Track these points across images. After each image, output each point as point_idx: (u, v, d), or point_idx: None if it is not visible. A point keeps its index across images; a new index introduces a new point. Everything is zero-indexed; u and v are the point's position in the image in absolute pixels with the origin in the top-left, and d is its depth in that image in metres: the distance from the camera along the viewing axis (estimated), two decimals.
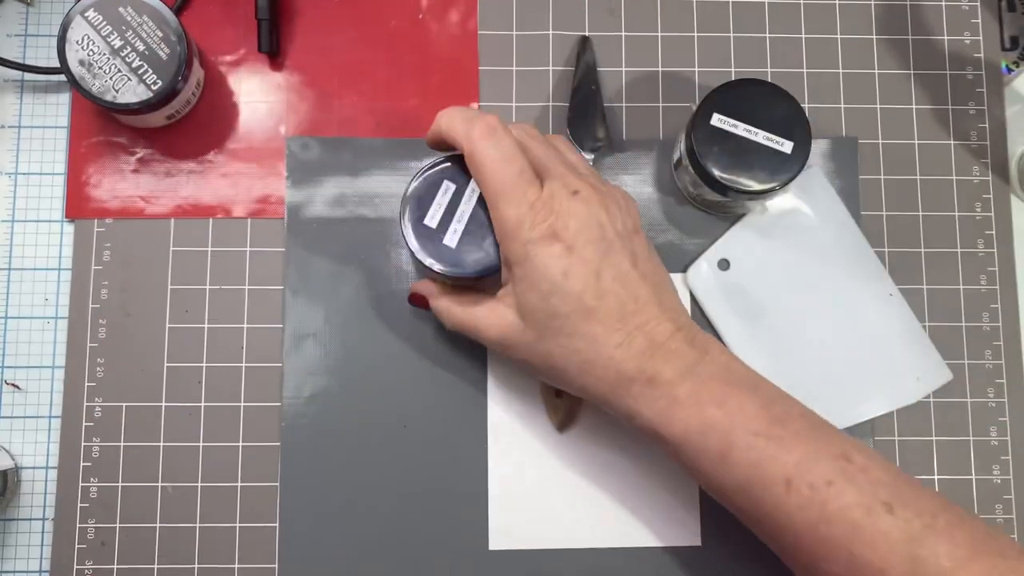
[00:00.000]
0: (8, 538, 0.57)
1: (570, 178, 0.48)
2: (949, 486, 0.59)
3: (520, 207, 0.47)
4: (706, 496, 0.58)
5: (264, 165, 0.61)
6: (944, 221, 0.61)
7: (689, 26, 0.63)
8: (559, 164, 0.48)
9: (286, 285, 0.59)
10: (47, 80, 0.61)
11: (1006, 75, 0.63)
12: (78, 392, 0.58)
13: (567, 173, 0.48)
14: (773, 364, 0.59)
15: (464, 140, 0.48)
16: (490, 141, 0.47)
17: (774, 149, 0.55)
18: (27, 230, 0.60)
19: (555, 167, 0.48)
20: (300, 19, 0.62)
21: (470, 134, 0.48)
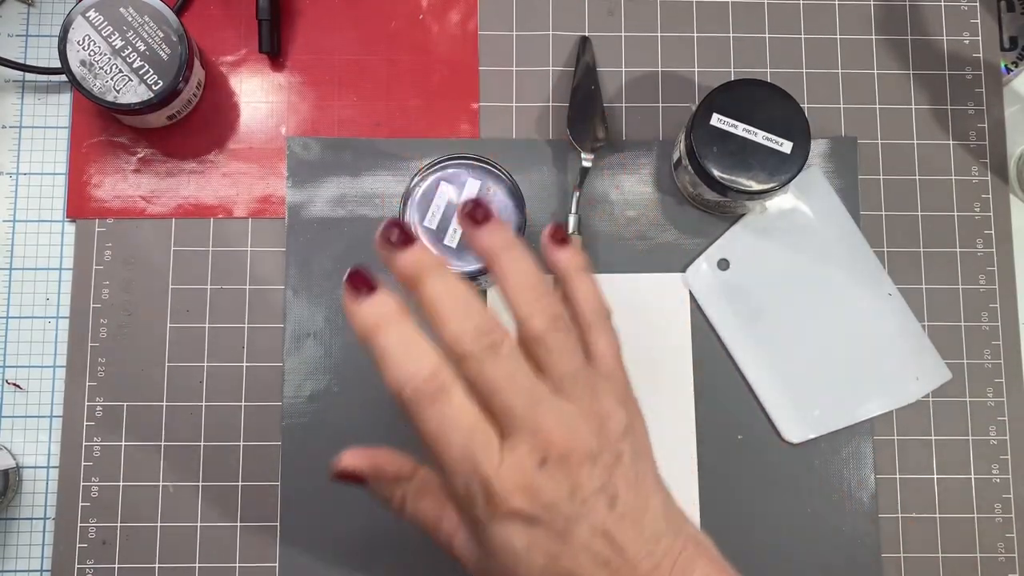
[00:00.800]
0: (9, 538, 0.57)
1: (540, 436, 0.38)
2: (948, 486, 0.59)
3: (470, 482, 0.38)
4: (706, 496, 0.58)
5: (265, 165, 0.61)
6: (943, 221, 0.61)
7: (689, 26, 0.63)
8: (528, 409, 0.38)
9: (287, 285, 0.59)
10: (48, 80, 0.61)
11: (1005, 75, 0.63)
12: (79, 392, 0.58)
13: (536, 422, 0.38)
14: (772, 364, 0.59)
15: (395, 398, 0.38)
16: (428, 410, 0.38)
17: (773, 149, 0.55)
18: (28, 230, 0.60)
19: (522, 416, 0.38)
20: (300, 19, 0.62)
21: (404, 402, 0.38)
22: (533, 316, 0.40)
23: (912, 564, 0.58)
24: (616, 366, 0.43)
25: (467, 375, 0.38)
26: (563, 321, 0.41)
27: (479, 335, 0.38)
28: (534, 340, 0.40)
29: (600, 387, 0.41)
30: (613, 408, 0.41)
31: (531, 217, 0.60)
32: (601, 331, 0.43)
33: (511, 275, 0.41)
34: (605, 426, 0.40)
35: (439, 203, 0.52)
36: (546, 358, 0.40)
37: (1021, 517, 0.59)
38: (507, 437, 0.38)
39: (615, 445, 0.40)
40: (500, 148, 0.61)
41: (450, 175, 0.52)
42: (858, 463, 0.59)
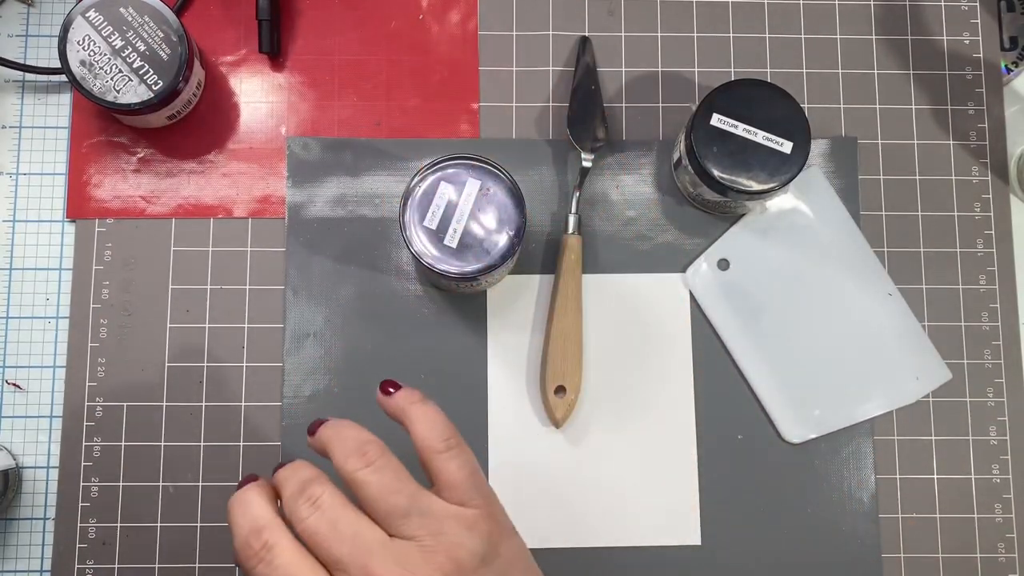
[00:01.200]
0: (9, 538, 0.57)
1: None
2: (948, 486, 0.59)
3: None
4: (706, 496, 0.58)
5: (265, 165, 0.61)
6: (943, 221, 0.61)
7: (689, 26, 0.63)
8: (358, 556, 0.38)
9: (287, 285, 0.59)
10: (48, 80, 0.61)
11: (1005, 75, 0.63)
12: (79, 392, 0.58)
13: (369, 569, 0.38)
14: (772, 364, 0.59)
15: (238, 565, 0.39)
16: (260, 568, 0.38)
17: (774, 149, 0.55)
18: (28, 230, 0.60)
19: (353, 565, 0.38)
20: (300, 20, 0.62)
21: (239, 561, 0.39)
22: (346, 460, 0.40)
23: (912, 564, 0.58)
24: (469, 490, 0.41)
25: (299, 533, 0.39)
26: (382, 460, 0.40)
27: (299, 492, 0.39)
28: (352, 483, 0.40)
29: (443, 520, 0.39)
30: (462, 538, 0.39)
31: (531, 217, 0.60)
32: (447, 458, 0.41)
33: (331, 436, 0.41)
34: (453, 559, 0.38)
35: (439, 203, 0.52)
36: (368, 498, 0.39)
37: (1021, 517, 0.59)
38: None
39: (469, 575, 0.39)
40: (500, 148, 0.61)
41: (450, 175, 0.52)
42: (858, 463, 0.59)
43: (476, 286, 0.56)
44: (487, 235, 0.52)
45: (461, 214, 0.52)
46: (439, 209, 0.52)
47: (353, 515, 0.39)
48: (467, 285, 0.55)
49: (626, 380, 0.59)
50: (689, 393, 0.59)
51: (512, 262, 0.54)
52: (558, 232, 0.60)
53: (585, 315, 0.59)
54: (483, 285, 0.57)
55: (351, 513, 0.39)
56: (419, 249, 0.52)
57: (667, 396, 0.59)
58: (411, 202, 0.52)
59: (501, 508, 0.42)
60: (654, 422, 0.59)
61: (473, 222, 0.52)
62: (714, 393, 0.59)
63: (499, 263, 0.52)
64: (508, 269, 0.56)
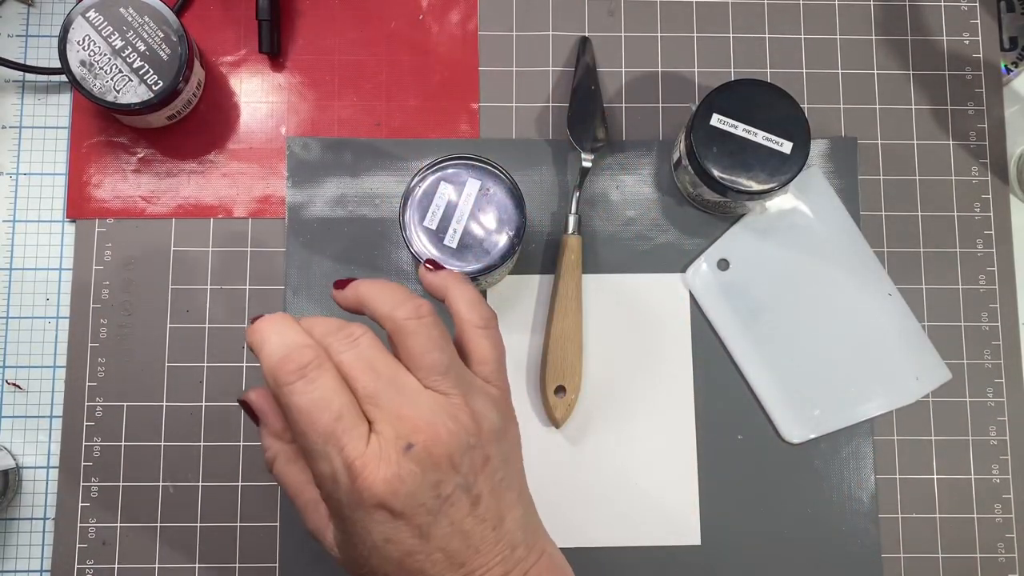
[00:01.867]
0: (9, 538, 0.57)
1: (405, 421, 0.38)
2: (948, 486, 0.59)
3: (335, 463, 0.38)
4: (706, 496, 0.58)
5: (265, 165, 0.61)
6: (943, 221, 0.61)
7: (689, 26, 0.63)
8: (394, 396, 0.39)
9: (287, 285, 0.59)
10: (48, 81, 0.61)
11: (1005, 75, 0.63)
12: (79, 392, 0.58)
13: (402, 410, 0.39)
14: (772, 364, 0.59)
15: (269, 378, 0.39)
16: (297, 385, 0.38)
17: (773, 149, 0.55)
18: (28, 230, 0.60)
19: (388, 403, 0.39)
20: (300, 20, 0.62)
21: (275, 374, 0.38)
22: (396, 308, 0.40)
23: (912, 564, 0.58)
24: (496, 371, 0.43)
25: (334, 363, 0.39)
26: (432, 318, 0.40)
27: (337, 329, 0.40)
28: (400, 331, 0.40)
29: (474, 388, 0.41)
30: (486, 410, 0.41)
31: (531, 217, 0.60)
32: (483, 336, 0.43)
33: (375, 287, 0.42)
34: (476, 425, 0.40)
35: (439, 203, 0.52)
36: (413, 349, 0.40)
37: (1021, 517, 0.59)
38: (373, 424, 0.38)
39: (484, 447, 0.40)
40: (500, 148, 0.61)
41: (450, 175, 0.52)
42: (858, 463, 0.59)
43: (476, 286, 0.56)
44: (487, 235, 0.52)
45: (461, 214, 0.52)
46: (439, 209, 0.52)
47: (392, 359, 0.40)
48: None
49: (626, 380, 0.59)
50: (689, 393, 0.59)
51: (512, 262, 0.54)
52: (558, 232, 0.60)
53: (585, 315, 0.59)
54: (483, 285, 0.57)
55: (389, 357, 0.40)
56: (419, 249, 0.52)
57: (667, 396, 0.59)
58: (411, 202, 0.52)
59: (511, 398, 0.44)
60: (654, 422, 0.59)
61: (473, 222, 0.52)
62: (714, 393, 0.59)
63: (499, 263, 0.52)
64: (508, 269, 0.56)
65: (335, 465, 0.38)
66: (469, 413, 0.40)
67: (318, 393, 0.38)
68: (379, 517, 0.38)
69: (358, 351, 0.39)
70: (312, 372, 0.38)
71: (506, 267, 0.54)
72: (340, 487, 0.38)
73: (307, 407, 0.38)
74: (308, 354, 0.38)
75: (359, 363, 0.39)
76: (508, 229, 0.52)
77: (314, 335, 0.40)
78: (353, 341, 0.39)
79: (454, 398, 0.40)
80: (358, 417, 0.38)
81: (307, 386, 0.38)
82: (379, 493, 0.38)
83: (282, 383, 0.38)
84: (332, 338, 0.40)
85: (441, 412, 0.39)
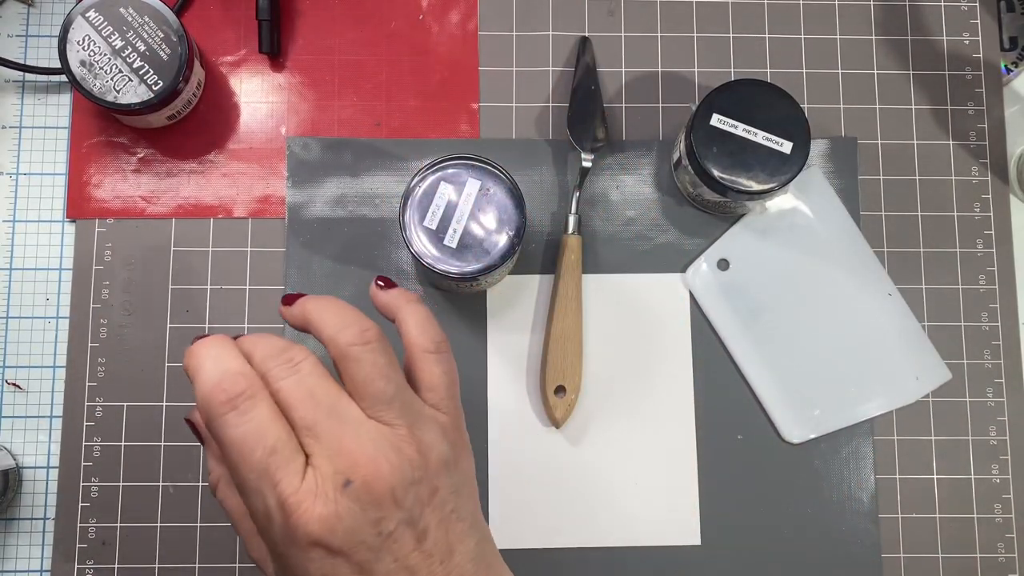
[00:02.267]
0: (9, 538, 0.57)
1: (344, 455, 0.36)
2: (948, 486, 0.59)
3: (268, 500, 0.36)
4: (706, 496, 0.58)
5: (265, 165, 0.61)
6: (943, 221, 0.61)
7: (689, 26, 0.63)
8: (333, 428, 0.37)
9: (287, 285, 0.59)
10: (48, 81, 0.61)
11: (1005, 75, 0.63)
12: (79, 392, 0.58)
13: (342, 443, 0.36)
14: (772, 364, 0.59)
15: (202, 408, 0.37)
16: (228, 417, 0.36)
17: (773, 149, 0.55)
18: (28, 230, 0.60)
19: (327, 435, 0.36)
20: (300, 20, 0.62)
21: (207, 405, 0.36)
22: (341, 331, 0.38)
23: (912, 564, 0.58)
24: (446, 398, 0.41)
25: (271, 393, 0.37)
26: (379, 343, 0.38)
27: (278, 353, 0.38)
28: (343, 357, 0.38)
29: (422, 416, 0.39)
30: (434, 440, 0.39)
31: (531, 217, 0.60)
32: (433, 361, 0.41)
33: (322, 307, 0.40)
34: (421, 457, 0.38)
35: (439, 203, 0.52)
36: (357, 376, 0.38)
37: (1021, 517, 0.59)
38: (310, 458, 0.36)
39: (431, 479, 0.38)
40: (500, 148, 0.61)
41: (450, 175, 0.52)
42: (858, 463, 0.59)
43: (476, 286, 0.56)
44: (487, 235, 0.52)
45: (461, 214, 0.52)
46: (439, 209, 0.52)
47: (334, 387, 0.38)
48: (467, 285, 0.55)
49: (626, 380, 0.59)
50: (689, 393, 0.59)
51: (512, 262, 0.54)
52: (558, 232, 0.60)
53: (585, 315, 0.59)
54: (483, 285, 0.57)
55: (332, 384, 0.38)
56: (419, 249, 0.52)
57: (667, 396, 0.59)
58: (411, 202, 0.52)
59: (465, 425, 0.42)
60: (654, 422, 0.59)
61: (473, 222, 0.52)
62: (714, 393, 0.59)
63: (499, 263, 0.52)
64: (508, 269, 0.56)
65: (268, 502, 0.36)
66: (415, 445, 0.38)
67: (250, 426, 0.36)
68: (315, 555, 0.36)
69: (298, 377, 0.37)
70: (244, 403, 0.36)
71: (506, 267, 0.54)
72: (274, 524, 0.36)
73: (238, 441, 0.36)
74: (241, 383, 0.36)
75: (298, 391, 0.37)
76: (508, 229, 0.52)
77: (254, 359, 0.38)
78: (293, 367, 0.37)
79: (399, 429, 0.38)
80: (294, 450, 0.36)
81: (238, 418, 0.36)
82: (314, 532, 0.35)
83: (213, 415, 0.36)
84: (272, 362, 0.37)
85: (384, 444, 0.37)
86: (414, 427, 0.38)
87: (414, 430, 0.38)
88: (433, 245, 0.52)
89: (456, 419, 0.41)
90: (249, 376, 0.37)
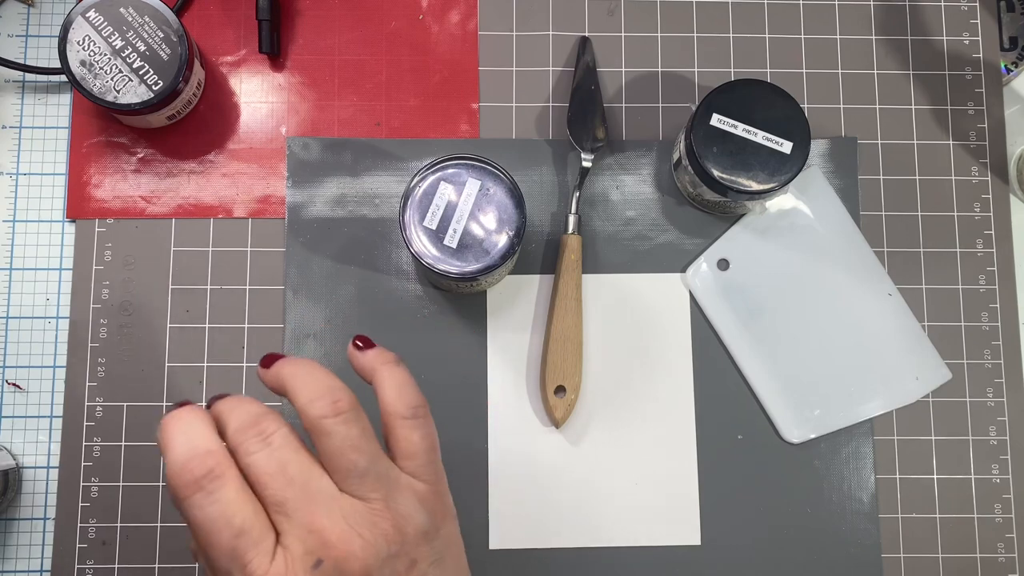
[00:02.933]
0: (9, 538, 0.57)
1: (314, 534, 0.36)
2: (948, 486, 0.59)
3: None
4: (706, 496, 0.58)
5: (265, 165, 0.61)
6: (943, 221, 0.61)
7: (689, 26, 0.63)
8: (304, 505, 0.36)
9: (287, 285, 0.59)
10: (48, 81, 0.61)
11: (1005, 75, 0.63)
12: (79, 392, 0.58)
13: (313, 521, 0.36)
14: (772, 364, 0.59)
15: (170, 489, 0.36)
16: (195, 499, 0.35)
17: (773, 149, 0.55)
18: (28, 230, 0.60)
19: (297, 512, 0.36)
20: (300, 20, 0.62)
21: (174, 486, 0.35)
22: (312, 403, 0.37)
23: (912, 564, 0.58)
24: (425, 464, 0.39)
25: (241, 469, 0.36)
26: (352, 413, 0.37)
27: (250, 425, 0.37)
28: (314, 429, 0.37)
29: (398, 487, 0.38)
30: (411, 510, 0.38)
31: (531, 217, 0.60)
32: (409, 428, 0.39)
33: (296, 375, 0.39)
34: (397, 531, 0.37)
35: (439, 203, 0.52)
36: (328, 449, 0.37)
37: (1021, 517, 0.59)
38: (281, 536, 0.36)
39: (408, 552, 0.37)
40: (500, 148, 0.61)
41: (450, 175, 0.52)
42: (858, 463, 0.59)
43: (476, 286, 0.56)
44: (487, 235, 0.52)
45: (461, 214, 0.52)
46: (439, 209, 0.52)
47: (306, 460, 0.37)
48: (467, 285, 0.55)
49: (626, 380, 0.59)
50: (689, 393, 0.59)
51: (512, 262, 0.54)
52: (558, 232, 0.60)
53: (585, 315, 0.59)
54: (483, 285, 0.57)
55: (304, 457, 0.37)
56: (419, 249, 0.52)
57: (667, 396, 0.59)
58: (411, 202, 0.52)
59: (447, 489, 0.41)
60: (654, 422, 0.59)
61: (473, 222, 0.52)
62: (714, 393, 0.59)
63: (499, 263, 0.52)
64: (508, 269, 0.56)
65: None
66: (390, 518, 0.37)
67: (217, 508, 0.35)
68: None
69: (269, 451, 0.36)
70: (212, 484, 0.35)
71: (506, 267, 0.54)
72: None
73: (206, 523, 0.35)
74: (208, 462, 0.35)
75: (269, 466, 0.36)
76: (508, 229, 0.52)
77: (228, 431, 0.37)
78: (264, 440, 0.36)
79: (373, 503, 0.37)
80: (264, 530, 0.35)
81: (205, 499, 0.35)
82: None
83: (180, 497, 0.35)
84: (242, 436, 0.37)
85: (357, 520, 0.36)
86: (389, 499, 0.37)
87: (389, 502, 0.37)
88: (433, 245, 0.52)
89: (436, 485, 0.40)
90: (217, 454, 0.36)
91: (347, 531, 0.36)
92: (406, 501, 0.38)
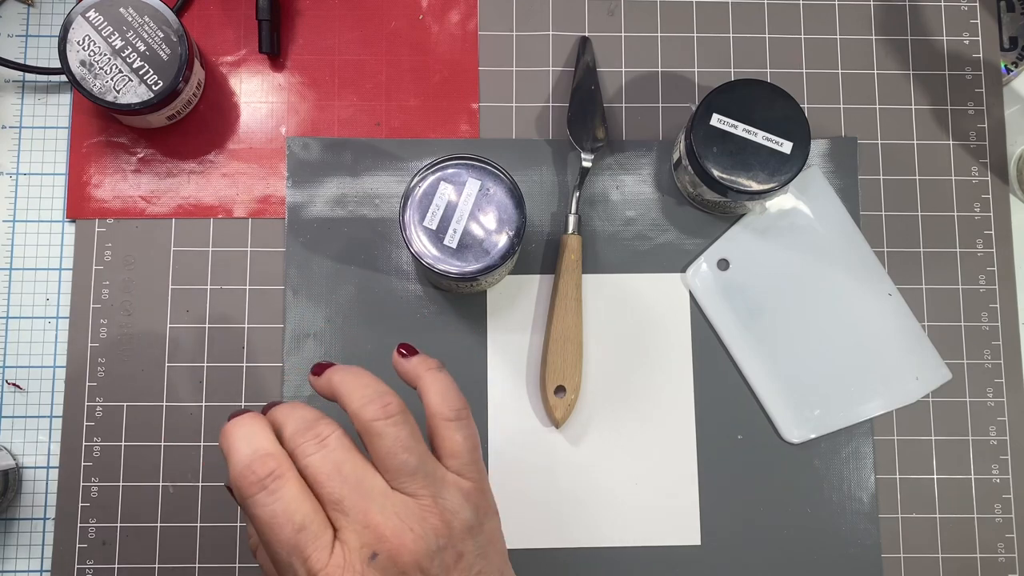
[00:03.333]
0: (9, 538, 0.57)
1: (370, 528, 0.38)
2: (948, 486, 0.59)
3: (299, 574, 0.38)
4: (706, 496, 0.58)
5: (265, 165, 0.61)
6: (943, 221, 0.61)
7: (689, 26, 0.63)
8: (359, 501, 0.38)
9: (287, 285, 0.59)
10: (48, 81, 0.61)
11: (1005, 75, 0.63)
12: (79, 392, 0.58)
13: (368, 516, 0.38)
14: (772, 364, 0.59)
15: (235, 489, 0.39)
16: (259, 497, 0.38)
17: (773, 149, 0.55)
18: (28, 230, 0.60)
19: (353, 509, 0.38)
20: (300, 20, 0.62)
21: (238, 486, 0.38)
22: (364, 407, 0.40)
23: (912, 564, 0.58)
24: (469, 463, 0.42)
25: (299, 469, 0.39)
26: (401, 416, 0.40)
27: (307, 428, 0.39)
28: (367, 431, 0.40)
29: (445, 484, 0.40)
30: (457, 506, 0.40)
31: (531, 217, 0.60)
32: (455, 428, 0.42)
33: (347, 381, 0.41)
34: (445, 525, 0.39)
35: (439, 203, 0.52)
36: (380, 450, 0.40)
37: (1021, 517, 0.59)
38: (338, 532, 0.38)
39: (455, 545, 0.39)
40: (500, 148, 0.61)
41: (450, 175, 0.52)
42: (858, 463, 0.59)
43: (476, 286, 0.56)
44: (487, 235, 0.52)
45: (461, 214, 0.52)
46: (439, 209, 0.52)
47: (359, 460, 0.39)
48: (467, 285, 0.55)
49: (626, 380, 0.59)
50: (689, 393, 0.59)
51: (512, 262, 0.54)
52: (558, 232, 0.60)
53: (585, 315, 0.59)
54: (483, 285, 0.57)
55: (357, 458, 0.39)
56: (419, 249, 0.52)
57: (667, 396, 0.59)
58: (411, 202, 0.52)
59: (489, 487, 0.43)
60: (654, 422, 0.59)
61: (473, 222, 0.52)
62: (714, 393, 0.59)
63: (499, 263, 0.52)
64: (508, 269, 0.56)
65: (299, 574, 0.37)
66: (438, 513, 0.39)
67: (279, 505, 0.37)
68: None
69: (325, 453, 0.39)
70: (273, 483, 0.38)
71: (506, 267, 0.54)
72: None
73: (268, 519, 0.37)
74: (270, 464, 0.38)
75: (326, 466, 0.39)
76: (508, 229, 0.52)
77: (284, 434, 0.40)
78: (321, 442, 0.39)
79: (423, 499, 0.39)
80: (322, 525, 0.38)
81: (268, 498, 0.37)
82: None
83: (244, 496, 0.38)
84: (300, 438, 0.39)
85: (409, 515, 0.39)
86: (437, 496, 0.40)
87: (437, 499, 0.40)
88: (433, 245, 0.52)
89: (479, 483, 0.42)
90: (278, 456, 0.38)
91: (399, 526, 0.38)
92: (452, 497, 0.40)
